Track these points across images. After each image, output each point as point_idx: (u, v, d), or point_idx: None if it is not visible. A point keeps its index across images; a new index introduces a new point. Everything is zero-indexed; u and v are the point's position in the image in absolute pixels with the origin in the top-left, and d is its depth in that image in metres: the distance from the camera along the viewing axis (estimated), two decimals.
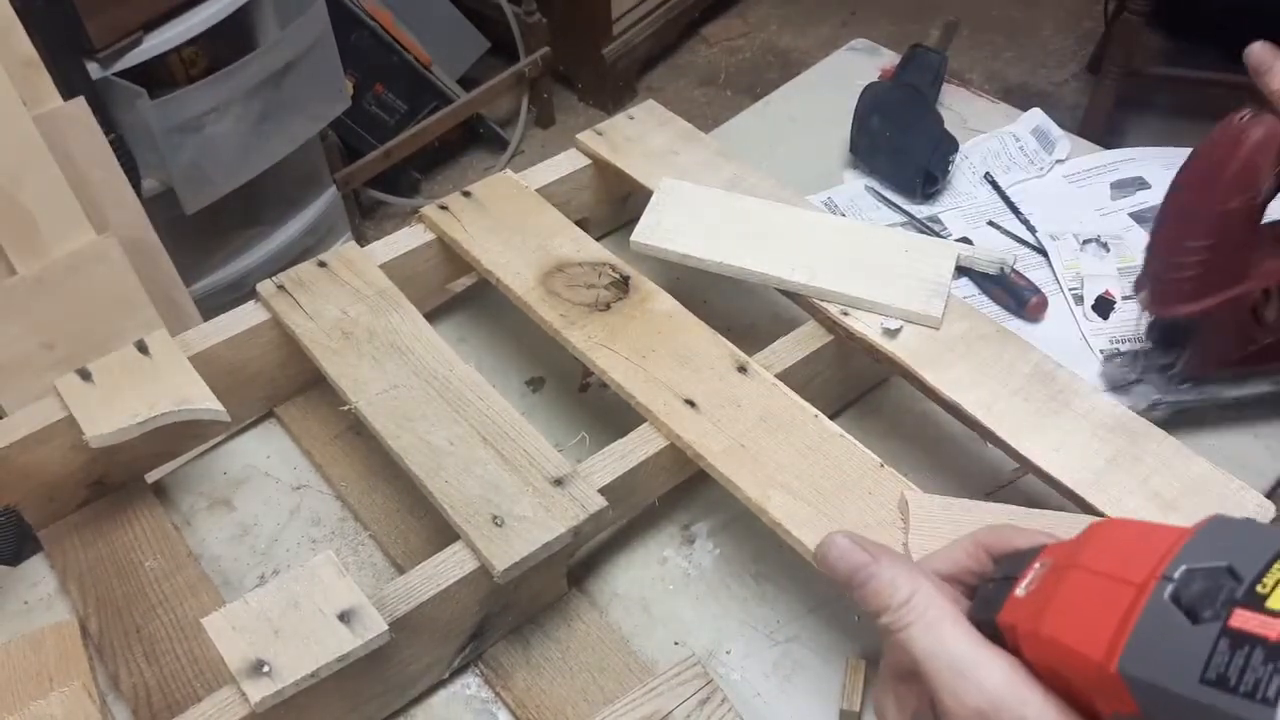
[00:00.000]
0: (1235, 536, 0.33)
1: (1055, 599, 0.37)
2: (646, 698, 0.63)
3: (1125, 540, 0.36)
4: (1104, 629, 0.34)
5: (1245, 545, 0.32)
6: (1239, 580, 0.31)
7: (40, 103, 1.12)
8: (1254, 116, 0.71)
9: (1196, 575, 0.32)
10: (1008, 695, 0.37)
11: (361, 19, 2.08)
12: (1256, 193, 0.72)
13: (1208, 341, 0.80)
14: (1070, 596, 0.36)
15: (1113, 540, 0.37)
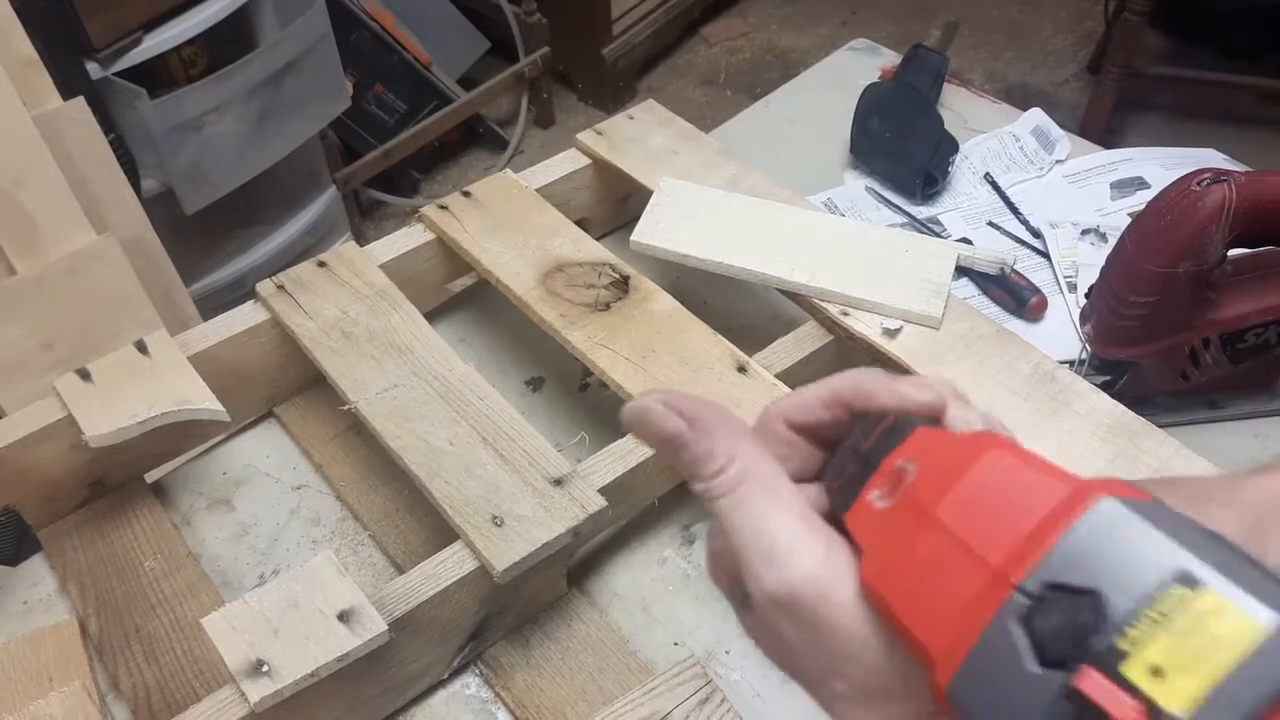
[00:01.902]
0: (1125, 535, 0.26)
1: (900, 554, 0.30)
2: (646, 698, 0.63)
3: (1000, 491, 0.29)
4: (945, 622, 0.28)
5: (1132, 556, 0.25)
6: (1102, 620, 0.25)
7: (40, 103, 1.12)
8: (1211, 183, 0.72)
9: (1056, 600, 0.26)
10: (811, 588, 0.32)
11: (361, 19, 2.08)
12: (1205, 260, 0.74)
13: (1146, 375, 0.82)
14: (918, 559, 0.30)
15: (986, 486, 0.29)
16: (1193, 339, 0.80)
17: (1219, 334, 0.80)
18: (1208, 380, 0.82)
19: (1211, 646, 0.23)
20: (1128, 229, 0.78)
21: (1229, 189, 0.71)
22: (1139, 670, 0.24)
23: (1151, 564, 0.25)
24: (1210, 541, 0.25)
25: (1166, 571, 0.24)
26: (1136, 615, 0.24)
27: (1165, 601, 0.24)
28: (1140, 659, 0.24)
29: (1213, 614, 0.23)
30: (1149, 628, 0.24)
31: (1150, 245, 0.75)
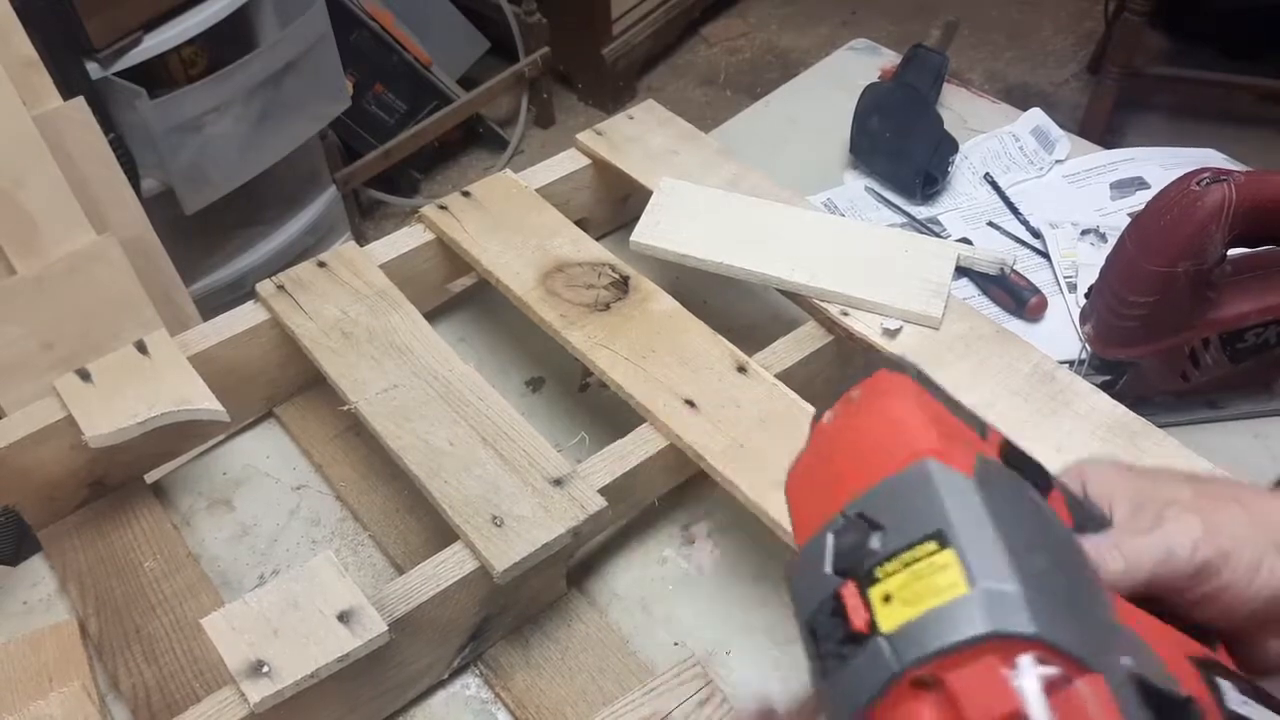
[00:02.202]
0: (922, 492, 0.30)
1: (812, 468, 0.36)
2: (646, 698, 0.63)
3: (883, 424, 0.34)
4: (807, 525, 0.34)
5: (915, 509, 0.30)
6: (874, 550, 0.30)
7: (40, 103, 1.12)
8: (1211, 182, 0.72)
9: (857, 526, 0.31)
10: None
11: (361, 19, 2.08)
12: (1204, 260, 0.74)
13: (1146, 375, 0.82)
14: (818, 476, 0.35)
15: (875, 431, 0.34)
16: (1193, 339, 0.80)
17: (1219, 334, 0.80)
18: (1208, 380, 0.82)
19: (928, 591, 0.29)
20: (1128, 229, 0.78)
21: (1229, 189, 0.71)
22: (879, 594, 0.30)
23: (923, 519, 0.30)
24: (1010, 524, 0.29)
25: (929, 527, 0.29)
26: (895, 553, 0.30)
27: (919, 549, 0.29)
28: (883, 586, 0.30)
29: (941, 569, 0.29)
30: (898, 565, 0.30)
31: (1150, 245, 0.75)
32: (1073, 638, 0.28)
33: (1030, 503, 0.32)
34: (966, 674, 0.28)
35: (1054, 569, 0.30)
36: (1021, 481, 0.33)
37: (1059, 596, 0.29)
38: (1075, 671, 0.27)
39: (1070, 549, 0.32)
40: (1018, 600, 0.28)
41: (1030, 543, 0.30)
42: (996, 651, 0.28)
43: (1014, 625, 0.28)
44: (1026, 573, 0.28)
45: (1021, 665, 0.27)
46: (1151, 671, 0.30)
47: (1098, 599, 0.31)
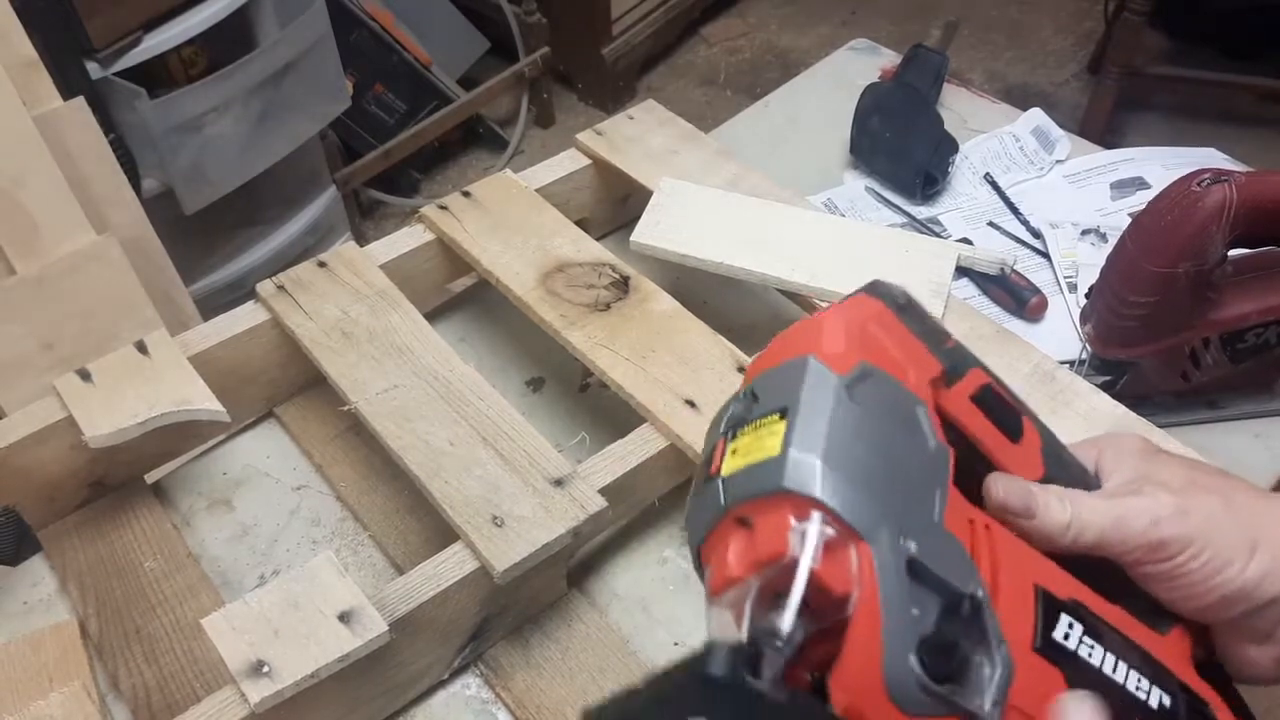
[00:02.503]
0: (793, 379, 0.36)
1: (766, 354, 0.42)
2: None
3: (811, 325, 0.39)
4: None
5: (781, 389, 0.36)
6: (743, 420, 0.37)
7: (40, 103, 1.12)
8: (1211, 183, 0.72)
9: (746, 398, 0.38)
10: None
11: (361, 19, 2.08)
12: (1205, 260, 0.74)
13: (1146, 375, 0.82)
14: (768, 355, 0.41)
15: (815, 320, 0.39)
16: (1193, 339, 0.80)
17: (1219, 334, 0.80)
18: (1208, 380, 0.82)
19: (757, 450, 0.35)
20: (1128, 229, 0.78)
21: (1229, 189, 0.71)
22: (733, 447, 0.37)
23: (782, 397, 0.36)
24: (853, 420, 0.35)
25: (781, 404, 0.36)
26: (753, 420, 0.36)
27: (768, 418, 0.36)
28: (736, 443, 0.36)
29: (773, 435, 0.35)
30: (751, 429, 0.36)
31: (1150, 245, 0.75)
32: (854, 512, 0.33)
33: (900, 415, 0.37)
34: (766, 519, 0.34)
35: (877, 462, 0.34)
36: (904, 398, 0.37)
37: (860, 480, 0.34)
38: (851, 538, 0.33)
39: (924, 460, 0.36)
40: (812, 468, 0.33)
41: (867, 438, 0.35)
42: (793, 507, 0.33)
43: (802, 486, 0.33)
44: (837, 454, 0.34)
45: (806, 522, 0.33)
46: (945, 566, 0.34)
47: (923, 501, 0.35)
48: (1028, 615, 0.36)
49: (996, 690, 0.33)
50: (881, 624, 0.32)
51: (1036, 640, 0.36)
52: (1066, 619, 0.37)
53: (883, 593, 0.32)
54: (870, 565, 0.32)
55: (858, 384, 0.36)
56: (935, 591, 0.33)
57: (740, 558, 0.35)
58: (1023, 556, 0.39)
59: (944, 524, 0.35)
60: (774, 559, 0.33)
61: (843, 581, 0.33)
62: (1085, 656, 0.37)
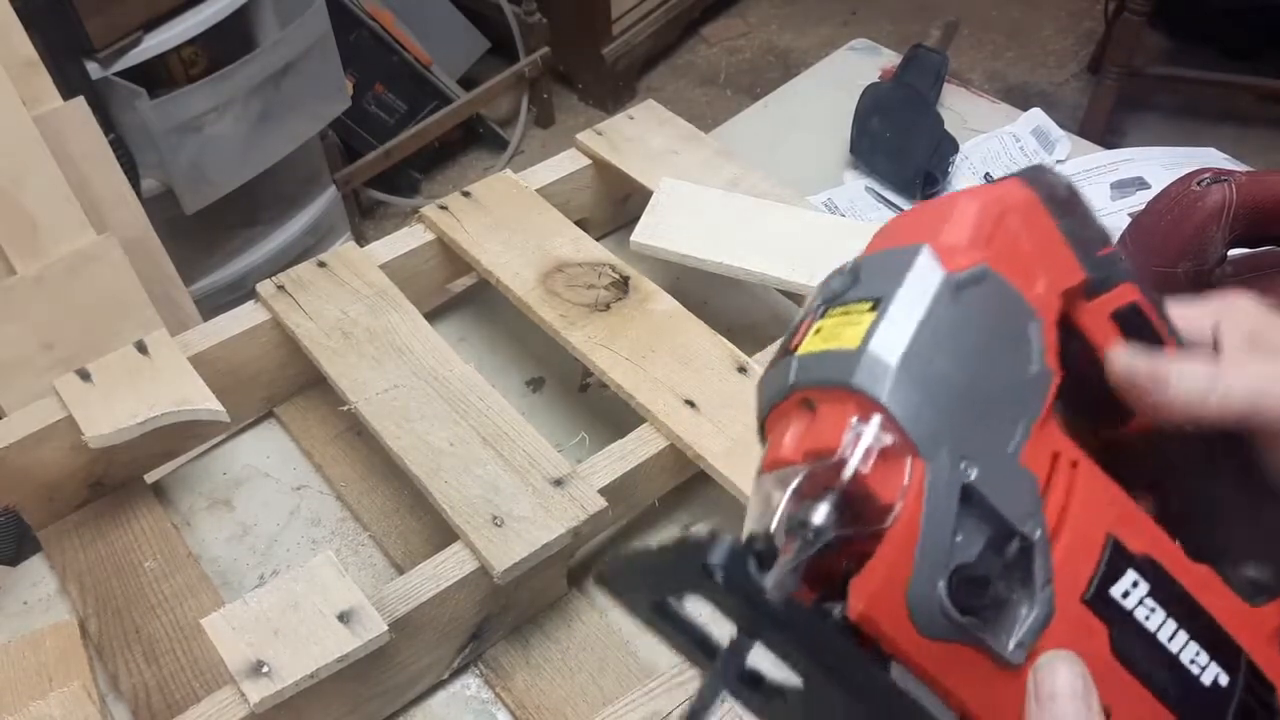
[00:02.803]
0: (896, 267, 0.34)
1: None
2: (646, 698, 0.63)
3: (942, 210, 0.36)
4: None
5: (881, 277, 0.34)
6: (841, 295, 0.36)
7: (40, 103, 1.12)
8: (1211, 183, 0.71)
9: (846, 275, 0.37)
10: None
11: (361, 19, 2.08)
12: (1205, 260, 0.73)
13: None
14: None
15: (951, 204, 0.37)
16: None
17: None
18: None
19: (838, 337, 0.33)
20: (1128, 229, 0.78)
21: (1229, 189, 0.71)
22: (819, 325, 0.35)
23: (881, 286, 0.34)
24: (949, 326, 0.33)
25: (878, 293, 0.34)
26: (846, 302, 0.35)
27: (860, 305, 0.34)
28: (823, 322, 0.35)
29: (857, 325, 0.33)
30: (841, 311, 0.34)
31: (1150, 245, 0.75)
32: (918, 425, 0.31)
33: (1007, 330, 0.34)
34: (829, 409, 0.33)
35: (961, 376, 0.32)
36: (1018, 311, 0.34)
37: (936, 392, 0.32)
38: (909, 451, 0.31)
39: (1019, 383, 0.34)
40: (886, 371, 0.32)
41: (958, 348, 0.33)
42: (858, 405, 0.32)
43: (870, 388, 0.31)
44: (919, 360, 0.32)
45: (865, 423, 0.32)
46: (1004, 499, 0.32)
47: (1002, 427, 0.33)
48: (1088, 564, 0.34)
49: (1027, 632, 0.32)
50: (918, 542, 0.31)
51: (1089, 591, 0.34)
52: (1132, 576, 0.35)
53: (927, 511, 0.31)
54: (920, 482, 0.31)
55: (968, 286, 0.33)
56: (986, 522, 0.32)
57: (796, 441, 0.34)
58: (1105, 503, 0.36)
59: (1019, 455, 0.33)
60: (826, 452, 0.32)
61: (889, 491, 0.31)
62: (1140, 618, 0.35)
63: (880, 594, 0.31)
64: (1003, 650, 0.32)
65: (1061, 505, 0.34)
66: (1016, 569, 0.32)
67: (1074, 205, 0.37)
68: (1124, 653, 0.34)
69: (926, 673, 0.32)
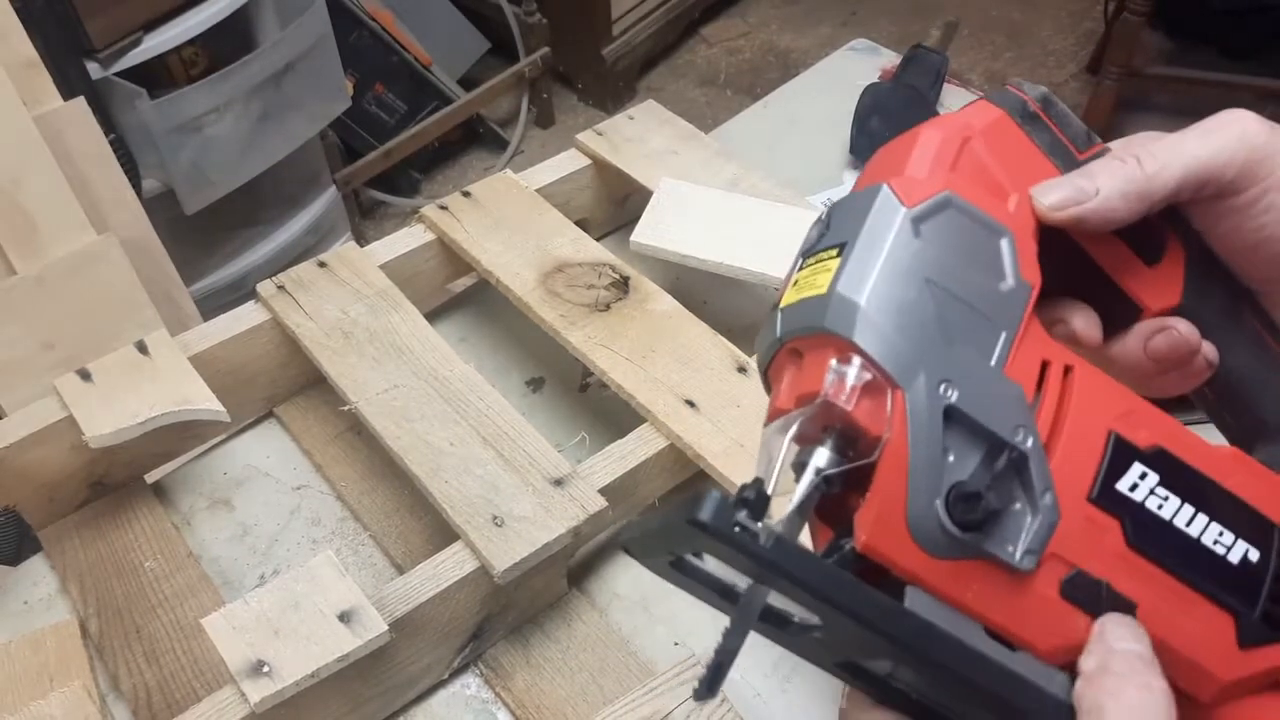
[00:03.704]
0: (859, 208, 0.35)
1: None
2: (646, 698, 0.63)
3: (908, 142, 0.37)
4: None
5: (845, 220, 0.36)
6: (812, 247, 0.37)
7: (40, 103, 1.12)
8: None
9: (820, 223, 0.38)
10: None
11: (361, 19, 2.08)
12: None
13: None
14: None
15: (915, 135, 0.37)
16: None
17: None
18: None
19: (810, 285, 0.35)
20: None
21: None
22: (796, 278, 0.36)
23: (846, 230, 0.35)
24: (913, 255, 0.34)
25: (842, 238, 0.35)
26: (816, 250, 0.36)
27: (827, 252, 0.35)
28: (800, 274, 0.36)
29: (826, 271, 0.35)
30: (813, 260, 0.36)
31: None
32: (891, 357, 0.32)
33: (975, 251, 0.35)
34: (812, 356, 0.35)
35: (929, 304, 0.33)
36: (986, 231, 0.35)
37: (905, 323, 0.33)
38: (887, 383, 0.33)
39: (993, 300, 0.35)
40: (852, 310, 0.33)
41: (923, 277, 0.34)
42: (836, 347, 0.33)
43: (841, 328, 0.33)
44: (884, 295, 0.33)
45: (844, 363, 0.33)
46: (992, 413, 0.33)
47: (981, 345, 0.34)
48: (1090, 463, 0.35)
49: (1033, 538, 0.33)
50: (908, 467, 0.32)
51: (1094, 490, 0.34)
52: (1139, 469, 0.35)
53: (912, 438, 0.32)
54: (902, 411, 0.32)
55: (930, 216, 0.35)
56: (977, 439, 0.33)
57: (788, 390, 0.36)
58: (1105, 402, 0.36)
59: (1003, 368, 0.34)
60: (812, 395, 0.34)
61: (876, 424, 0.33)
62: (1153, 508, 0.35)
63: (881, 522, 0.32)
64: (1011, 559, 0.33)
65: (1055, 410, 0.35)
66: (1013, 479, 0.33)
67: (1048, 114, 0.38)
68: (1139, 544, 0.34)
69: (943, 592, 0.33)
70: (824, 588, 0.31)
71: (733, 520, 0.30)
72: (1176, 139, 0.38)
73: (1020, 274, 0.35)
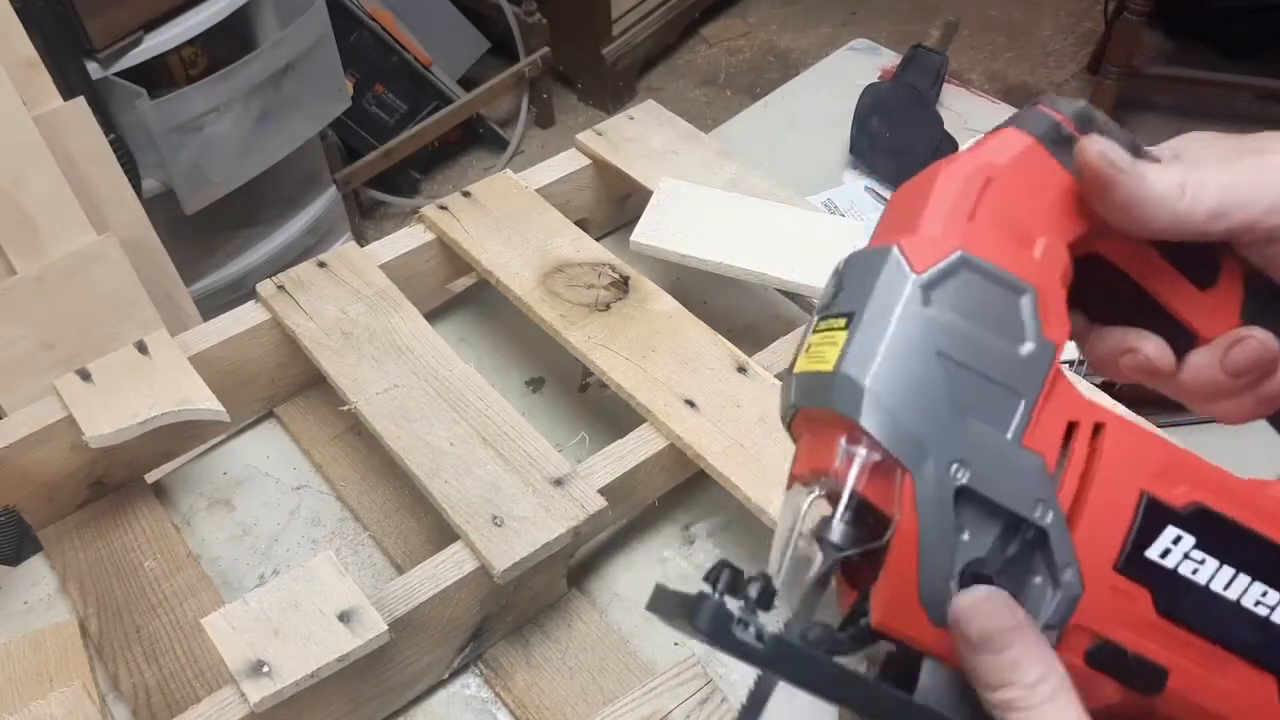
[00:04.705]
0: (868, 269, 0.34)
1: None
2: (646, 698, 0.63)
3: (919, 191, 0.36)
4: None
5: (854, 286, 0.34)
6: (825, 310, 0.35)
7: (40, 103, 1.12)
8: None
9: (835, 276, 0.36)
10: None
11: (361, 19, 2.08)
12: None
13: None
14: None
15: (928, 181, 0.36)
16: None
17: None
18: None
19: (818, 358, 0.34)
20: None
21: None
22: (809, 341, 0.35)
23: (854, 297, 0.34)
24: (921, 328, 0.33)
25: (850, 306, 0.34)
26: (826, 316, 0.35)
27: (835, 320, 0.34)
28: (812, 338, 0.35)
29: (833, 344, 0.34)
30: (824, 326, 0.35)
31: None
32: (898, 441, 0.32)
33: (992, 315, 0.33)
34: (824, 429, 0.34)
35: (939, 380, 0.32)
36: (1003, 292, 0.33)
37: (912, 404, 0.32)
38: (896, 466, 0.32)
39: (1011, 366, 0.33)
40: (858, 392, 0.32)
41: (933, 351, 0.32)
42: (844, 425, 0.33)
43: (847, 410, 0.32)
44: (891, 374, 0.32)
45: (853, 443, 0.32)
46: (1008, 488, 0.32)
47: (997, 416, 0.33)
48: (1118, 531, 0.33)
49: (1054, 613, 0.32)
50: (919, 549, 0.31)
51: (1121, 559, 0.33)
52: (1173, 532, 0.33)
53: (921, 520, 0.31)
54: (911, 495, 0.31)
55: (942, 282, 0.33)
56: (992, 517, 0.32)
57: (804, 458, 0.35)
58: (1137, 458, 0.34)
59: (1021, 439, 0.32)
60: (824, 472, 0.33)
61: (888, 504, 0.32)
62: (1187, 573, 0.33)
63: (893, 602, 0.32)
64: None
65: (1081, 474, 0.33)
66: (1032, 556, 0.32)
67: (1089, 132, 0.35)
68: (1170, 611, 0.33)
69: (962, 668, 0.32)
70: (827, 688, 0.31)
71: (728, 627, 0.30)
72: (1223, 169, 0.35)
73: (1042, 334, 0.33)
